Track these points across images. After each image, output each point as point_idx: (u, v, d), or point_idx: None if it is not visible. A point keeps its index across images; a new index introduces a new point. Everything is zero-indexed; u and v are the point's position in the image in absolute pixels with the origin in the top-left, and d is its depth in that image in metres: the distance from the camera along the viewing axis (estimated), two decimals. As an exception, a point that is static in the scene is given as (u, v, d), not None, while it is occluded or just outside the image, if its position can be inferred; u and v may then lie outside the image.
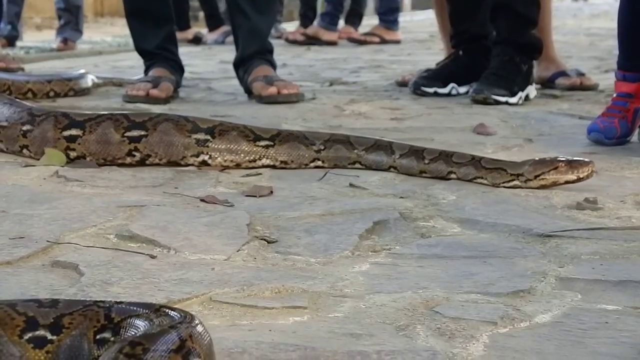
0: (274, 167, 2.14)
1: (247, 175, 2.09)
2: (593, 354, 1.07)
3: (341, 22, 7.02)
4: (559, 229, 1.63)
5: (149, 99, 3.22)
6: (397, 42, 6.68)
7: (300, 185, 1.99)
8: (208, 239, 1.52)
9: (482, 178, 2.02)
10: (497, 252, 1.51)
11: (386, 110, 3.26)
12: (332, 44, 6.59)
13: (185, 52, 5.20)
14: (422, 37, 7.47)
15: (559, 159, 2.00)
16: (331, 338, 1.11)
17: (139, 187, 1.94)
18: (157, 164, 2.13)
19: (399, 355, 1.04)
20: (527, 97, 3.49)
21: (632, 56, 2.66)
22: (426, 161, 2.08)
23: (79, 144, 2.12)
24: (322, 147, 2.16)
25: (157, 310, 0.90)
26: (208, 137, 2.11)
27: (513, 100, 3.40)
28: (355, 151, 2.16)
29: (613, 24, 3.15)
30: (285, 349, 1.05)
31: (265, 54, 3.42)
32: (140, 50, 3.52)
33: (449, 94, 3.65)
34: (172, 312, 0.89)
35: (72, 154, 2.13)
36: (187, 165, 2.12)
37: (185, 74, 3.69)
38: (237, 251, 1.48)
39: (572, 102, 3.54)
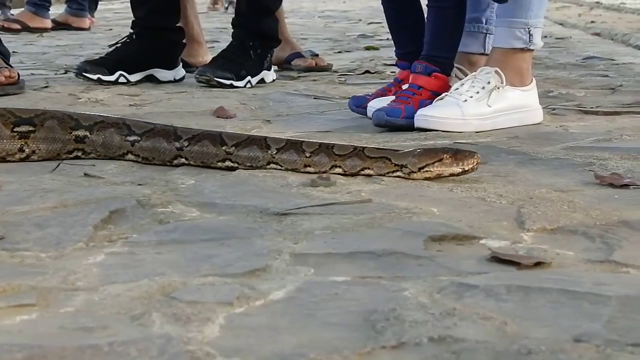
0: (137, 162, 2.06)
1: (-29, 170, 1.96)
2: (324, 325, 1.11)
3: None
4: (294, 206, 1.67)
5: None
6: (85, 29, 6.49)
7: (30, 178, 1.90)
8: None
9: (368, 169, 1.93)
10: (235, 233, 1.52)
11: (124, 96, 3.19)
12: (82, 29, 6.37)
13: None
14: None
15: (443, 150, 1.93)
16: (61, 334, 1.07)
17: None
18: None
19: (132, 345, 1.02)
20: (262, 81, 3.55)
21: (401, 45, 2.83)
22: (307, 154, 1.96)
23: None
24: (186, 144, 2.03)
25: None
26: (87, 133, 2.08)
27: (239, 84, 3.43)
28: (224, 148, 2.01)
29: (345, 7, 3.27)
30: (8, 350, 0.99)
31: None
32: None
33: (116, 82, 3.45)
34: None
35: None
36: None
37: None
38: (-42, 252, 1.38)
39: (308, 82, 3.66)
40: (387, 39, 5.63)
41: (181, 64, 3.66)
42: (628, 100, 3.08)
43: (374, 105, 2.69)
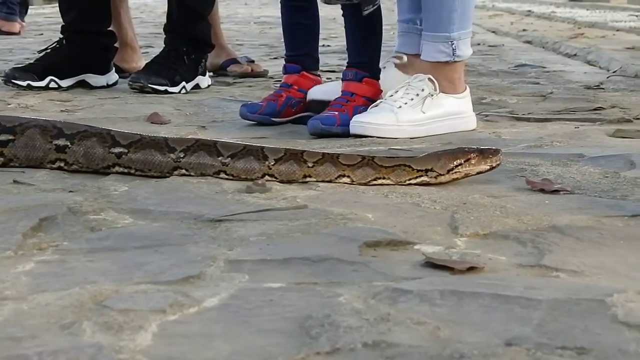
0: (129, 174, 1.96)
1: None
2: (258, 332, 1.10)
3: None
4: (229, 213, 1.66)
5: None
6: (15, 33, 6.38)
7: (-42, 185, 1.85)
8: None
9: (383, 178, 1.90)
10: (169, 240, 1.51)
11: (55, 102, 3.14)
12: (12, 34, 6.25)
13: None
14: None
15: (468, 149, 1.93)
16: (-12, 345, 1.04)
17: None
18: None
19: (61, 355, 1.00)
20: (197, 87, 3.53)
21: (293, 47, 2.81)
22: (309, 164, 1.91)
23: None
24: (182, 155, 1.94)
25: None
26: (67, 142, 2.00)
27: (174, 89, 3.41)
28: (220, 158, 1.93)
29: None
30: None
31: None
32: None
33: (46, 87, 3.38)
34: None
35: None
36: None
37: None
38: None
39: (244, 88, 3.65)
40: (323, 45, 5.64)
41: (114, 69, 3.62)
42: (558, 107, 3.14)
43: None
